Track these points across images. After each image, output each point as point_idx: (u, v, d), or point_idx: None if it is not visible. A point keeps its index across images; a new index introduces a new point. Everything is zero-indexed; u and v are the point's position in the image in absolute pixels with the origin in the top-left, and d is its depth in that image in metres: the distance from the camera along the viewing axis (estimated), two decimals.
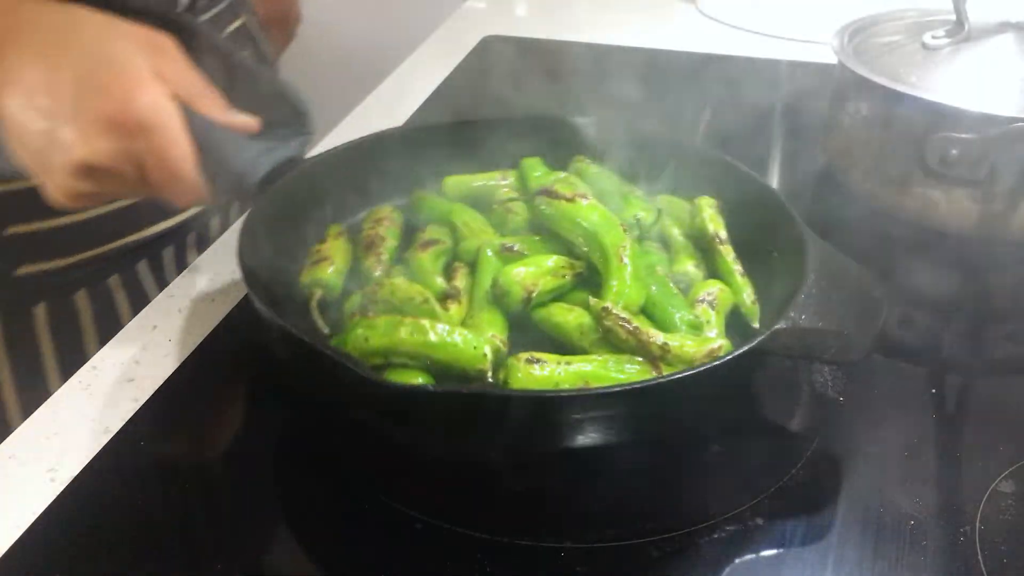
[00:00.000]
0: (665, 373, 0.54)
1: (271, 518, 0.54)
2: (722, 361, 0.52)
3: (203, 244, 0.91)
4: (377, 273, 0.67)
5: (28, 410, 0.67)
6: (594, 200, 0.64)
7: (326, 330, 0.63)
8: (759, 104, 1.08)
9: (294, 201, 0.67)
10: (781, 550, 0.52)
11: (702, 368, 0.52)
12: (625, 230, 0.62)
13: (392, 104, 1.04)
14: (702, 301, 0.60)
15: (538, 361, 0.54)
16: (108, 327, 0.80)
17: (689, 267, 0.65)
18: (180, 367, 0.64)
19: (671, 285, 0.62)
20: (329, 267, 0.66)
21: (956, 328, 0.74)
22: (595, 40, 1.29)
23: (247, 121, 0.64)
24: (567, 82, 1.19)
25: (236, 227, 0.82)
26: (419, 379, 0.56)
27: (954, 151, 0.77)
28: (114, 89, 0.58)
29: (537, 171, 0.75)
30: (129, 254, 0.84)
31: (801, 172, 0.95)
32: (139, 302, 0.79)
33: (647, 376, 0.54)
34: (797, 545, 0.52)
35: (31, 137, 0.58)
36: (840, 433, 0.59)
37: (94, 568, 0.50)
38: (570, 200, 0.63)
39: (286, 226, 0.67)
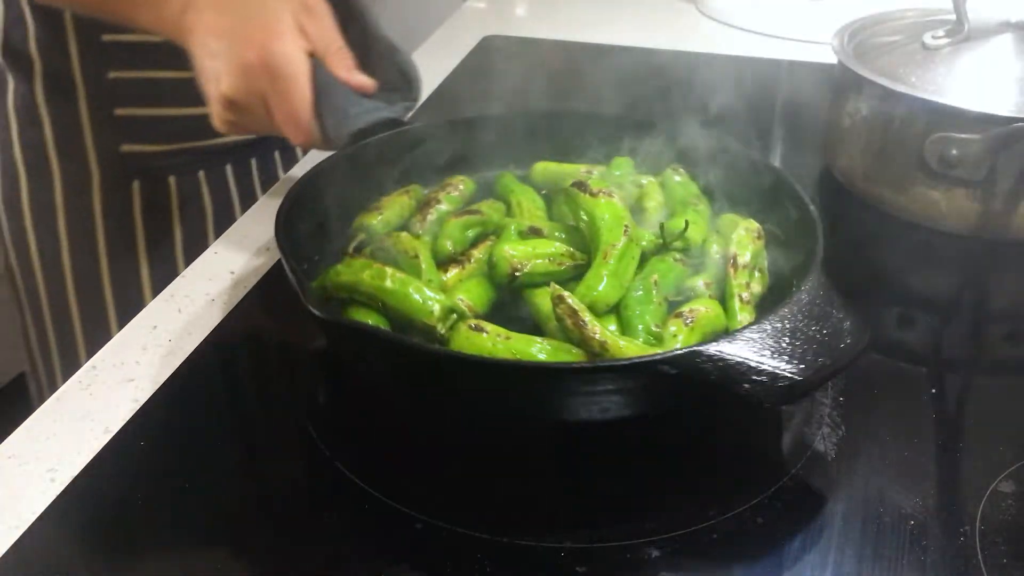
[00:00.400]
0: None
1: (270, 518, 0.54)
2: (598, 364, 0.53)
3: (288, 160, 1.04)
4: (415, 228, 0.70)
5: (117, 279, 0.93)
6: (616, 199, 0.64)
7: None
8: (759, 104, 1.08)
9: (376, 160, 0.74)
10: (781, 550, 0.52)
11: (578, 365, 0.54)
12: (626, 232, 0.62)
13: None
14: (680, 316, 0.59)
15: (480, 329, 0.57)
16: (192, 215, 0.96)
17: (698, 283, 0.64)
18: (180, 367, 0.64)
19: (654, 294, 0.61)
20: (378, 215, 0.71)
21: (956, 328, 0.74)
22: (595, 40, 1.29)
23: (364, 81, 0.75)
24: (567, 82, 1.19)
25: (235, 229, 0.83)
26: (370, 319, 0.61)
27: (954, 151, 0.77)
28: (257, 38, 0.70)
29: (620, 170, 0.75)
30: (217, 154, 0.96)
31: (801, 172, 0.95)
32: (221, 199, 0.96)
33: None
34: (797, 545, 0.52)
35: (202, 70, 0.72)
36: (840, 433, 0.59)
37: (94, 568, 0.50)
38: (593, 195, 0.64)
39: (363, 181, 0.74)
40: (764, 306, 0.63)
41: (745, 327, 0.51)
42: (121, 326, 0.69)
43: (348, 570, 0.51)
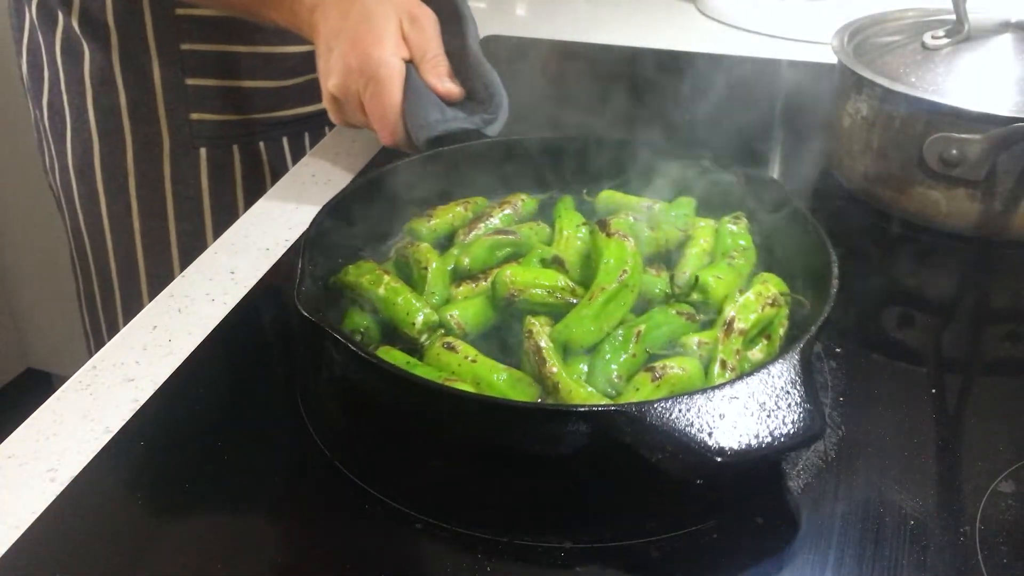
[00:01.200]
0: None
1: (270, 519, 0.54)
2: (512, 405, 0.53)
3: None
4: (459, 240, 0.71)
5: (183, 240, 1.01)
6: (628, 242, 0.62)
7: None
8: (759, 104, 1.08)
9: (457, 165, 0.77)
10: (781, 550, 0.52)
11: (497, 402, 0.53)
12: (621, 277, 0.60)
13: None
14: (650, 371, 0.56)
15: (452, 348, 0.59)
16: (254, 183, 1.03)
17: (692, 341, 0.59)
18: (180, 367, 0.64)
19: (632, 344, 0.58)
20: (428, 221, 0.72)
21: (956, 328, 0.74)
22: (595, 40, 1.29)
23: (450, 89, 0.81)
24: (567, 82, 1.19)
25: (235, 230, 0.83)
26: (364, 322, 0.63)
27: (954, 151, 0.77)
28: (361, 43, 0.78)
29: (676, 211, 0.73)
30: (276, 126, 1.04)
31: (801, 172, 0.95)
32: (279, 170, 1.03)
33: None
34: (797, 545, 0.52)
35: (319, 66, 0.82)
36: (840, 433, 0.59)
37: (94, 568, 0.50)
38: (608, 236, 0.63)
39: (437, 184, 0.76)
40: None
41: (681, 395, 0.48)
42: None
43: (348, 570, 0.51)
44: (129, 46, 0.96)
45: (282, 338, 0.70)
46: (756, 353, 0.60)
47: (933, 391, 0.64)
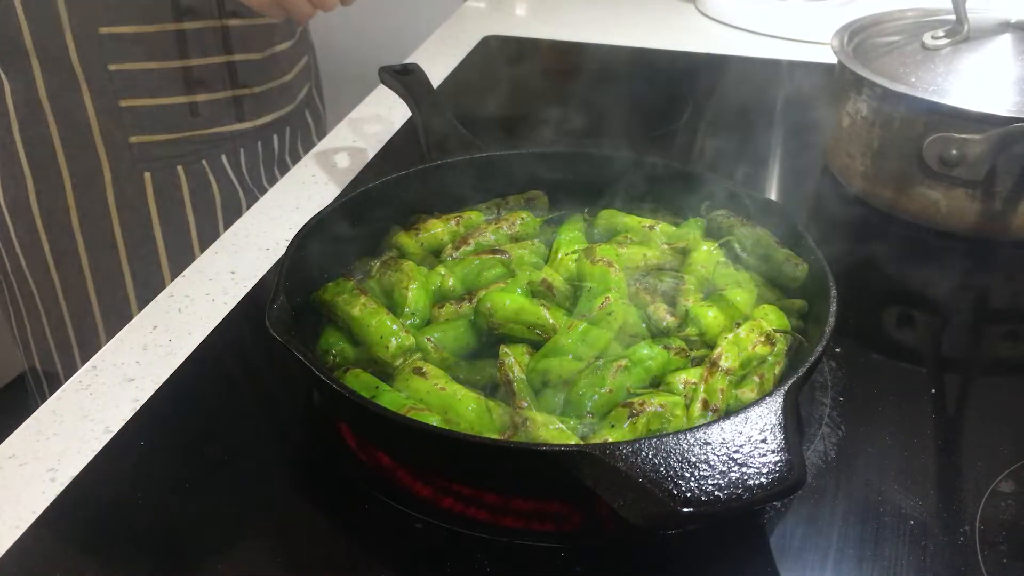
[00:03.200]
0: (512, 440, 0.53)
1: (271, 519, 0.54)
2: (473, 440, 0.51)
3: (268, 155, 1.07)
4: (445, 256, 0.69)
5: (137, 270, 0.97)
6: (613, 270, 0.61)
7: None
8: (759, 104, 1.08)
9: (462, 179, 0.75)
10: (781, 550, 0.52)
11: (459, 437, 0.50)
12: (603, 305, 0.59)
13: (392, 104, 1.04)
14: (628, 406, 0.53)
15: (422, 373, 0.57)
16: (202, 204, 0.99)
17: (679, 379, 0.56)
18: (180, 367, 0.64)
19: (609, 379, 0.55)
20: (415, 236, 0.71)
21: (956, 328, 0.74)
22: (595, 40, 1.29)
23: None
24: (567, 82, 1.19)
25: (236, 229, 0.82)
26: (340, 343, 0.61)
27: (954, 151, 0.77)
28: None
29: (682, 231, 0.71)
30: (215, 143, 0.99)
31: (801, 172, 0.95)
32: (225, 186, 1.00)
33: (488, 434, 0.54)
34: (797, 545, 0.52)
35: None
36: (840, 433, 0.59)
37: (94, 568, 0.50)
38: (593, 263, 0.62)
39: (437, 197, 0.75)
40: None
41: (649, 438, 0.45)
42: None
43: (348, 570, 0.51)
44: (53, 71, 0.90)
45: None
46: (748, 392, 0.57)
47: (933, 391, 0.64)
